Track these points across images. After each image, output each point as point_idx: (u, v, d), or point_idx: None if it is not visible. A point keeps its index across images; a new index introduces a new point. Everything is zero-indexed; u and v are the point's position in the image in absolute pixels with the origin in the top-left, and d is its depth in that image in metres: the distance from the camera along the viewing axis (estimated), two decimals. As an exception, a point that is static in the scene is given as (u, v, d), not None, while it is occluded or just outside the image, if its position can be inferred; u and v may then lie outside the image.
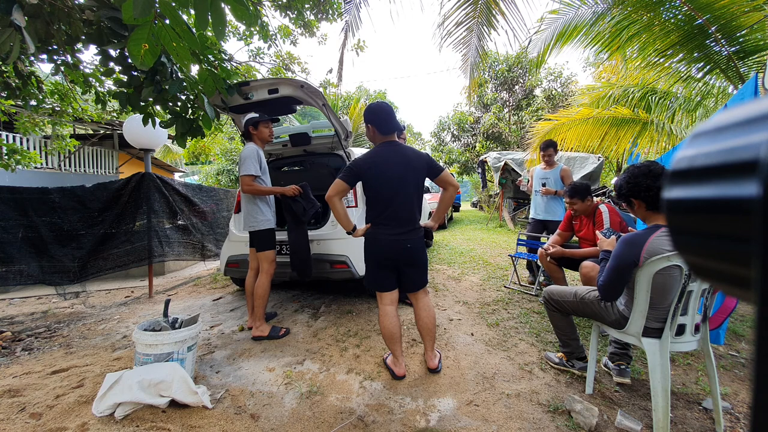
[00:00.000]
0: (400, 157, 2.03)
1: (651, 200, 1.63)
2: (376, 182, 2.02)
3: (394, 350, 2.12)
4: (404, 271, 2.09)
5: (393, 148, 2.05)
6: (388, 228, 2.03)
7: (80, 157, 8.62)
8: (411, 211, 2.07)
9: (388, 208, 2.02)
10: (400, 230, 2.03)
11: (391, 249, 2.04)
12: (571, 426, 1.66)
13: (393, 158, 2.02)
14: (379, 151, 2.05)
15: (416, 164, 2.05)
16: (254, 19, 3.66)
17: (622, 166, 11.40)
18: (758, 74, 2.15)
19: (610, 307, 1.79)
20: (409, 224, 2.05)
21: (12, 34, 1.55)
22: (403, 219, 2.04)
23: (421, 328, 2.15)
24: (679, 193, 0.23)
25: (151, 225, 3.97)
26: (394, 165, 2.01)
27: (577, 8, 4.45)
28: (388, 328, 2.07)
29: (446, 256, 5.60)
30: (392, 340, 2.09)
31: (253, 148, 2.65)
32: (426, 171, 2.09)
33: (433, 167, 2.10)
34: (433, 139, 19.09)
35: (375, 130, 2.06)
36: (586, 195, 2.78)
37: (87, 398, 1.90)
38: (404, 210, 2.04)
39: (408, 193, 2.04)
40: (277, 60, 5.28)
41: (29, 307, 3.78)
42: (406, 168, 2.02)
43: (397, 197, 2.02)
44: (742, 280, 0.19)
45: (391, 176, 2.00)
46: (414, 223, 2.08)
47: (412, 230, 2.06)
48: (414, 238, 2.06)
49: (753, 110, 0.20)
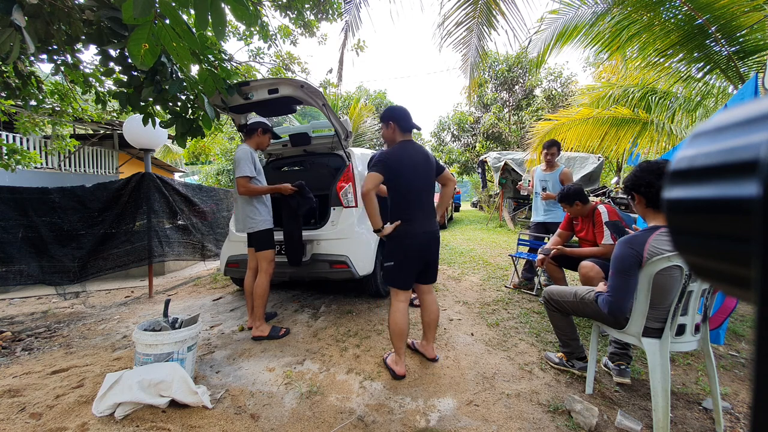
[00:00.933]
0: (422, 154, 2.15)
1: (651, 197, 1.64)
2: (410, 176, 2.08)
3: (399, 348, 2.12)
4: (430, 264, 2.19)
5: (413, 145, 2.15)
6: (421, 222, 2.10)
7: (80, 157, 8.61)
8: (434, 205, 2.22)
9: (420, 202, 2.11)
10: (431, 224, 2.14)
11: (426, 243, 2.12)
12: (571, 426, 1.66)
13: (417, 154, 2.12)
14: (404, 146, 2.12)
15: (432, 161, 2.19)
16: (254, 19, 3.66)
17: (622, 166, 11.40)
18: (758, 74, 2.15)
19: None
20: (435, 218, 2.20)
21: (12, 34, 1.55)
22: (431, 213, 2.17)
23: (430, 321, 2.24)
24: (679, 193, 0.23)
25: (151, 225, 3.97)
26: (420, 161, 2.11)
27: (577, 8, 4.44)
28: (400, 324, 2.09)
29: (446, 256, 5.60)
30: (401, 337, 2.10)
31: (246, 149, 2.65)
32: (436, 167, 2.22)
33: (439, 164, 2.25)
34: (433, 139, 19.09)
35: (396, 127, 2.14)
36: (573, 200, 2.79)
37: (87, 398, 1.90)
38: (431, 204, 2.18)
39: (432, 187, 2.20)
40: (277, 60, 5.28)
41: (29, 307, 3.78)
42: (427, 163, 2.15)
43: (426, 191, 2.14)
44: (742, 280, 0.19)
45: (419, 171, 2.10)
46: (436, 216, 2.22)
47: (436, 224, 2.20)
48: (438, 231, 2.21)
49: (753, 110, 0.20)
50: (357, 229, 3.05)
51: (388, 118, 2.15)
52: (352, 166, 3.19)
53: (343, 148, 3.33)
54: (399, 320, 2.09)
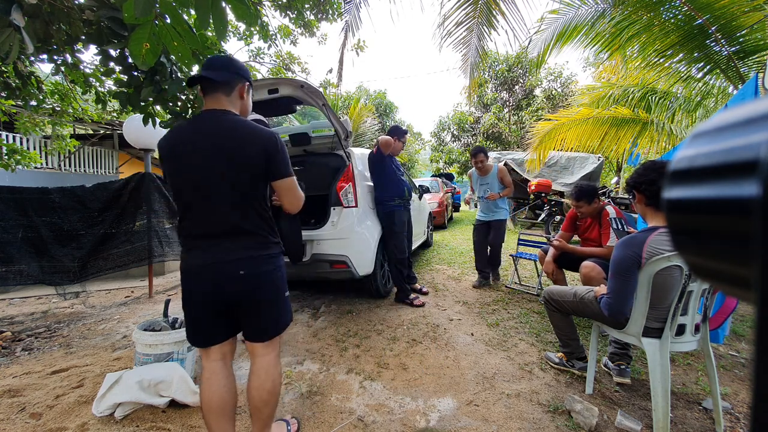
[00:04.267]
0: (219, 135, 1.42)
1: (651, 195, 1.64)
2: (187, 169, 1.41)
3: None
4: (243, 309, 1.43)
5: (216, 118, 1.43)
6: (208, 247, 1.42)
7: (80, 157, 8.61)
8: (257, 215, 1.49)
9: (210, 211, 1.42)
10: (232, 249, 1.44)
11: (217, 282, 1.40)
12: (571, 426, 1.66)
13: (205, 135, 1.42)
14: (195, 120, 1.43)
15: (239, 145, 1.44)
16: (254, 18, 3.65)
17: (622, 166, 11.41)
18: (758, 74, 2.15)
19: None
20: (251, 236, 1.46)
21: (11, 34, 1.55)
22: (239, 228, 1.42)
23: (255, 401, 1.40)
24: (679, 193, 0.23)
25: (151, 225, 3.97)
26: (210, 144, 1.41)
27: (577, 8, 4.45)
28: (206, 396, 1.37)
29: (446, 256, 5.60)
30: (211, 413, 1.36)
31: None
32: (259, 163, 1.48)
33: (271, 160, 1.45)
34: (433, 139, 19.10)
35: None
36: (593, 197, 2.70)
37: (87, 398, 1.90)
38: (235, 214, 1.42)
39: (235, 185, 1.42)
40: (277, 60, 5.29)
41: (29, 307, 3.78)
42: (225, 150, 1.42)
43: (219, 192, 1.42)
44: (742, 280, 0.19)
45: (207, 160, 1.41)
46: (260, 234, 1.49)
47: (253, 248, 1.47)
48: (260, 259, 1.44)
49: (753, 110, 0.20)
50: (357, 229, 3.06)
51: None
52: (352, 166, 3.19)
53: (343, 148, 3.33)
54: (204, 390, 1.38)
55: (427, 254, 5.75)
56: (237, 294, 1.34)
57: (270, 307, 1.41)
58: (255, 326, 1.41)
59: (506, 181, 3.84)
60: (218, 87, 1.37)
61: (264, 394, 1.39)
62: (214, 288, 1.32)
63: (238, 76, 1.41)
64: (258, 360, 1.43)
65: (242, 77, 1.43)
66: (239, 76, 1.41)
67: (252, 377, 1.42)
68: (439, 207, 8.63)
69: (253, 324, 1.41)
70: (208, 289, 1.33)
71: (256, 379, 1.40)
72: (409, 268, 3.65)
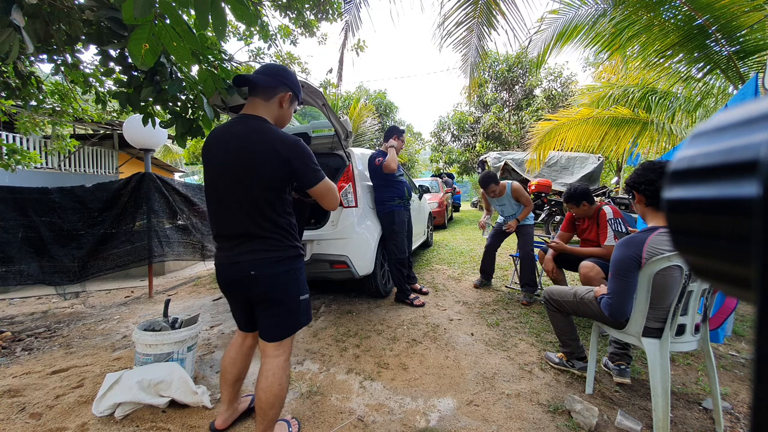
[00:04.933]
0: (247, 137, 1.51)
1: (650, 195, 1.64)
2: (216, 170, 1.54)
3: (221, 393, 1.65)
4: (256, 306, 1.54)
5: (249, 122, 1.52)
6: (228, 247, 1.56)
7: (80, 157, 8.61)
8: (268, 219, 1.54)
9: (230, 213, 1.54)
10: (246, 249, 1.53)
11: (233, 280, 1.55)
12: (571, 426, 1.66)
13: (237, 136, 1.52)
14: (231, 123, 1.51)
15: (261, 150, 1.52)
16: (254, 18, 3.65)
17: (622, 166, 11.41)
18: (758, 74, 2.15)
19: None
20: (263, 239, 1.53)
21: (11, 34, 1.55)
22: (253, 232, 1.51)
23: (260, 403, 1.41)
24: (679, 193, 0.23)
25: (151, 225, 3.97)
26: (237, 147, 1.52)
27: (577, 8, 4.45)
28: (221, 361, 1.63)
29: (446, 256, 5.60)
30: (221, 376, 1.64)
31: None
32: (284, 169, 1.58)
33: (294, 166, 1.52)
34: (433, 139, 19.11)
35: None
36: (581, 200, 2.74)
37: (87, 398, 1.90)
38: (253, 218, 1.50)
39: (257, 189, 1.50)
40: (277, 60, 5.28)
41: (29, 307, 3.78)
42: (249, 152, 1.51)
43: (240, 196, 1.53)
44: (742, 280, 0.19)
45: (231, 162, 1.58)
46: (271, 236, 1.55)
47: (264, 250, 1.53)
48: (268, 262, 1.51)
49: (753, 110, 0.20)
50: (357, 229, 3.06)
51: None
52: (352, 166, 3.19)
53: (343, 148, 3.33)
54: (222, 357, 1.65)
55: (427, 254, 5.75)
56: (249, 293, 1.43)
57: (280, 307, 1.44)
58: (265, 325, 1.46)
59: (523, 200, 3.55)
60: (258, 91, 1.44)
61: (271, 397, 1.40)
62: (232, 284, 1.46)
63: (282, 85, 1.46)
64: (267, 361, 1.45)
65: (286, 86, 1.48)
66: (284, 85, 1.47)
67: (260, 378, 1.43)
68: (439, 207, 8.63)
69: (264, 322, 1.46)
70: (228, 285, 1.48)
71: (264, 380, 1.42)
72: (409, 268, 3.65)
